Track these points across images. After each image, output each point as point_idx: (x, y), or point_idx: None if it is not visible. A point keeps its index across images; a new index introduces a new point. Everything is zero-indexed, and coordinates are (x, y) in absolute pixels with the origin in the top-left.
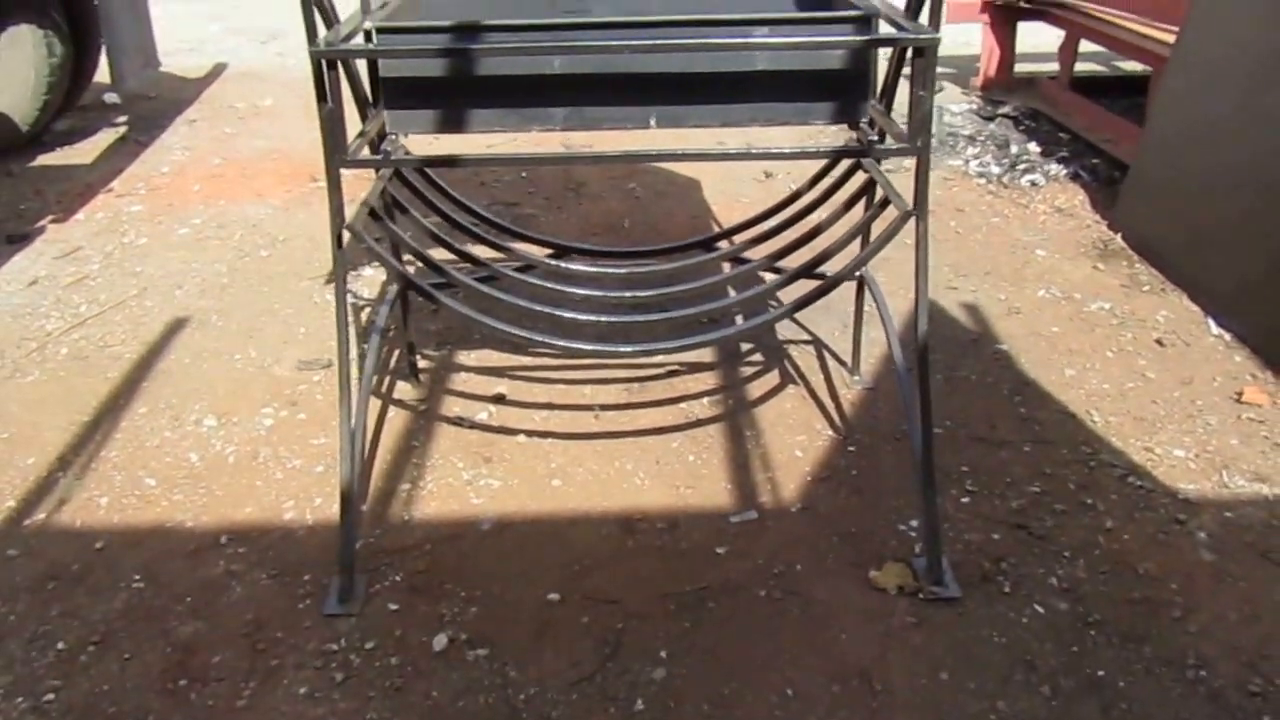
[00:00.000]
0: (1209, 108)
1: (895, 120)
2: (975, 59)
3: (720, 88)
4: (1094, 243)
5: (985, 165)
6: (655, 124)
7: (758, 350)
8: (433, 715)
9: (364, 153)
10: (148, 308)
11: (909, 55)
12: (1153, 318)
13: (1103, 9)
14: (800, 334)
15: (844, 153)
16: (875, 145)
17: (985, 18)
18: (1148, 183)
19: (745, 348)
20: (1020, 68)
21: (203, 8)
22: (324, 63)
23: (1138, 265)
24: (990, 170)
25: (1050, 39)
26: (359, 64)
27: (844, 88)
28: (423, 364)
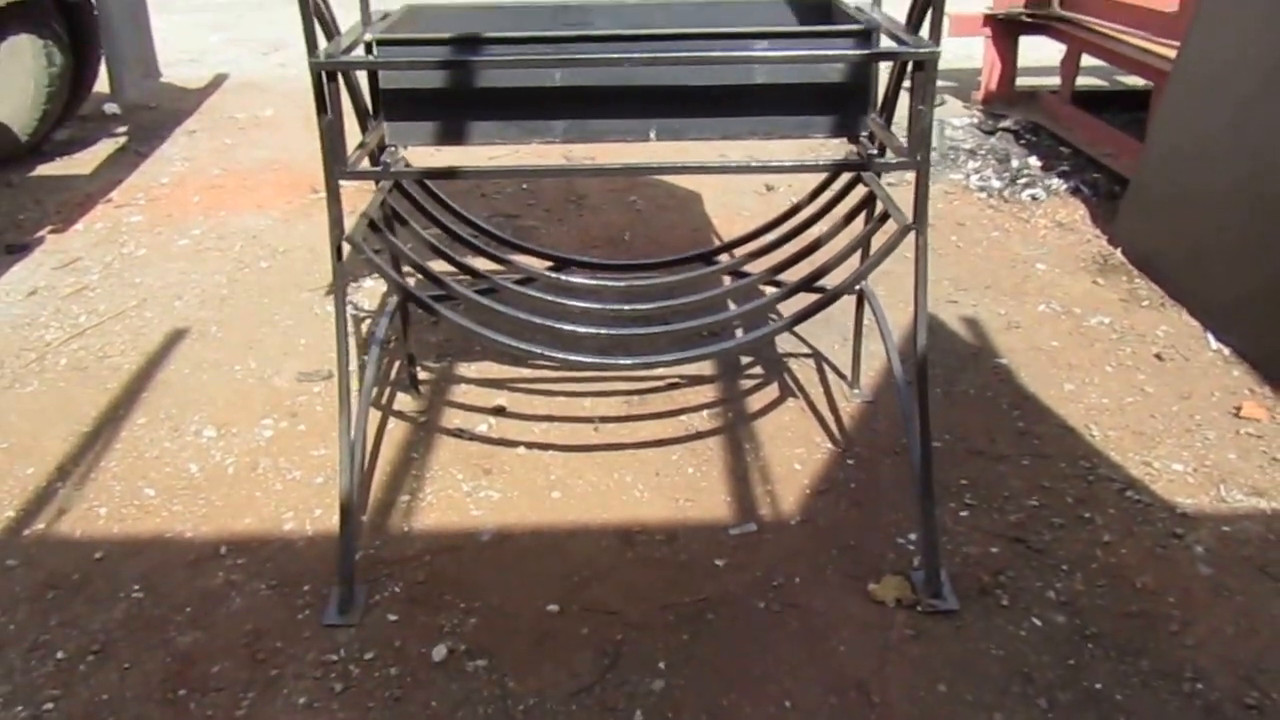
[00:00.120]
0: (1209, 123)
1: (895, 134)
2: (977, 72)
3: (721, 101)
4: (1094, 257)
5: (986, 179)
6: (655, 137)
7: (758, 363)
8: None
9: (364, 164)
10: (147, 318)
11: (909, 69)
12: (1152, 332)
13: (1104, 24)
14: (800, 347)
15: (844, 166)
16: (875, 159)
17: (987, 31)
18: (1148, 197)
19: (745, 361)
20: (1022, 81)
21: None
22: (324, 74)
23: (1137, 280)
24: (991, 184)
25: (1052, 53)
26: (359, 75)
27: (844, 101)
28: (423, 376)
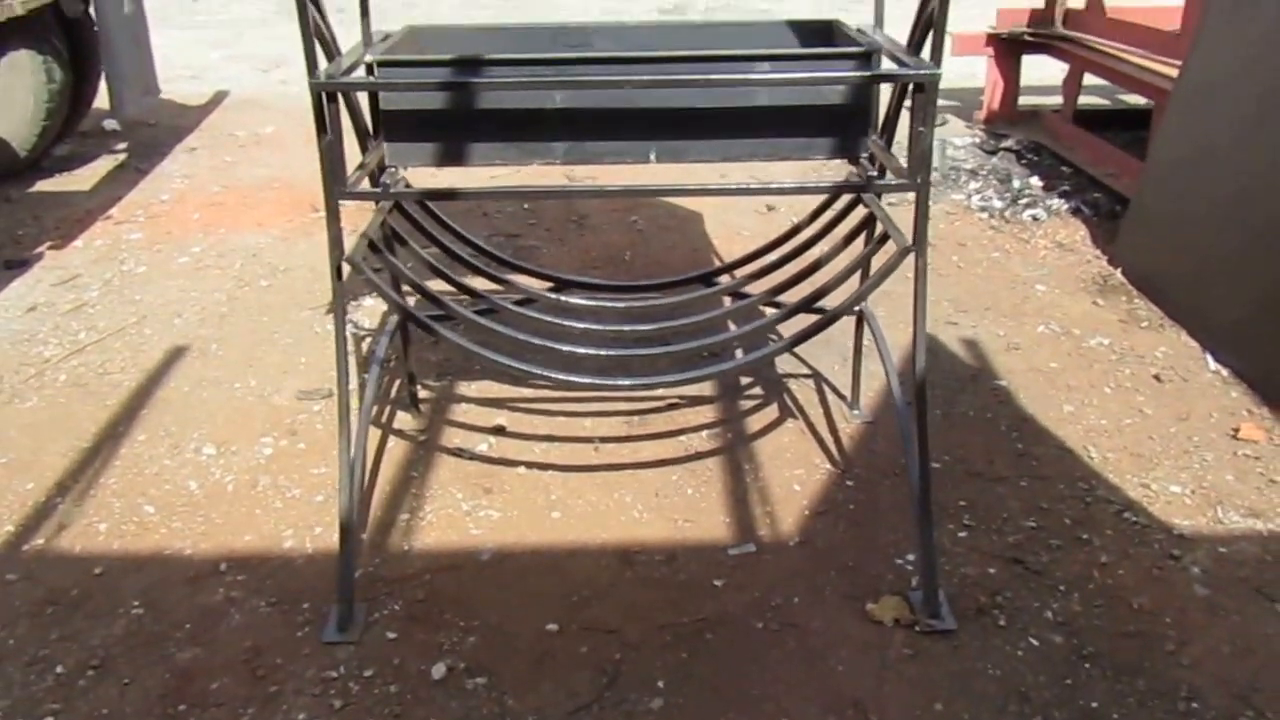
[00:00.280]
0: (1209, 143)
1: (896, 155)
2: (979, 92)
3: (721, 123)
4: (1094, 278)
5: (987, 199)
6: (655, 159)
7: (757, 384)
8: None
9: (364, 185)
10: (147, 335)
11: (910, 90)
12: (1151, 353)
13: (1106, 43)
14: (800, 368)
15: (844, 188)
16: (875, 180)
17: (990, 51)
18: (1148, 218)
19: (745, 381)
20: (1024, 101)
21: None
22: (324, 95)
23: (1137, 300)
24: (992, 204)
25: (1055, 72)
26: (360, 96)
27: (845, 123)
28: (423, 394)
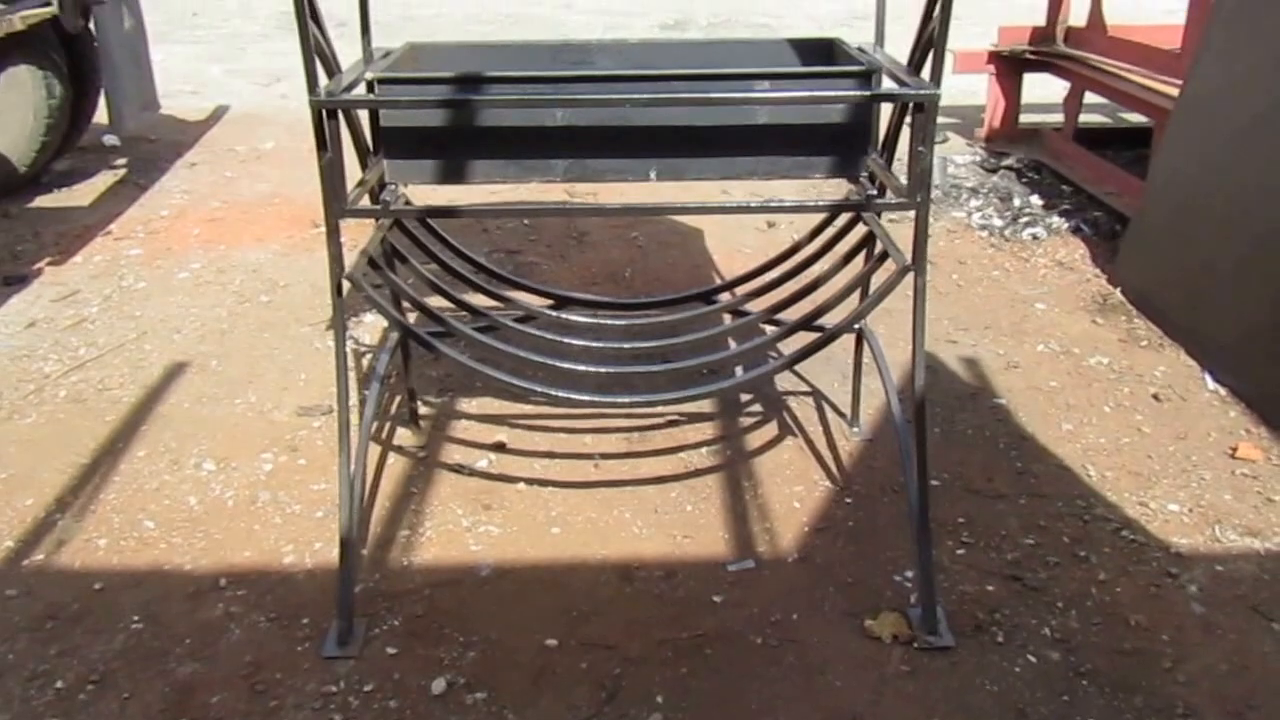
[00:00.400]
0: (1210, 162)
1: (896, 174)
2: (981, 109)
3: (721, 141)
4: (1094, 297)
5: (988, 218)
6: (655, 177)
7: (757, 401)
8: None
9: (364, 202)
10: (146, 351)
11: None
12: (1150, 372)
13: (1108, 62)
14: (799, 385)
15: (843, 207)
16: (875, 199)
17: (991, 69)
18: (1148, 237)
19: (745, 398)
20: (1025, 118)
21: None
22: (324, 112)
23: (1136, 320)
24: (993, 223)
25: (1056, 89)
26: (360, 113)
27: (845, 142)
28: (423, 411)
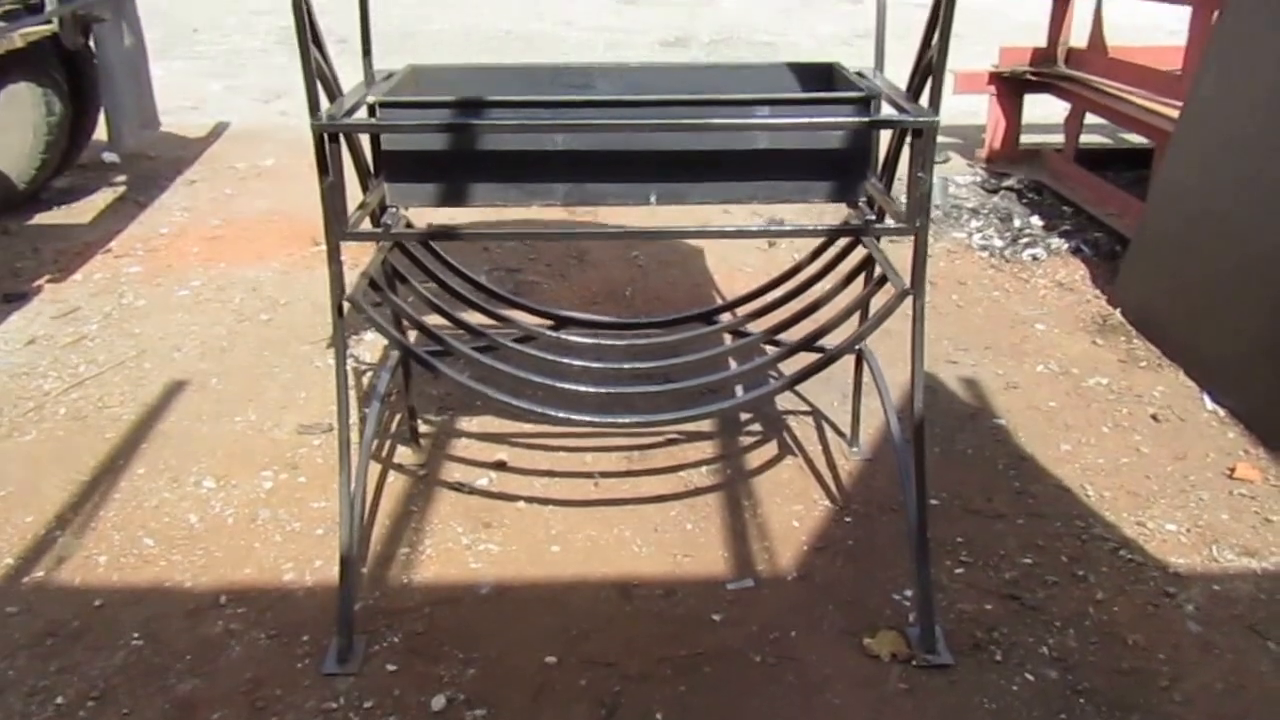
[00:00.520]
0: (1209, 184)
1: (895, 199)
2: (981, 129)
3: (721, 166)
4: (1093, 317)
5: (988, 238)
6: (655, 201)
7: (757, 420)
8: None
9: (365, 224)
10: (146, 369)
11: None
12: (1149, 393)
13: (1108, 83)
14: (800, 404)
15: (841, 231)
16: (873, 224)
17: (992, 89)
18: (1147, 258)
19: (745, 417)
20: (1026, 139)
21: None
22: (326, 136)
23: (1136, 340)
24: (993, 243)
25: (1057, 109)
26: (362, 136)
27: (844, 167)
28: (424, 429)
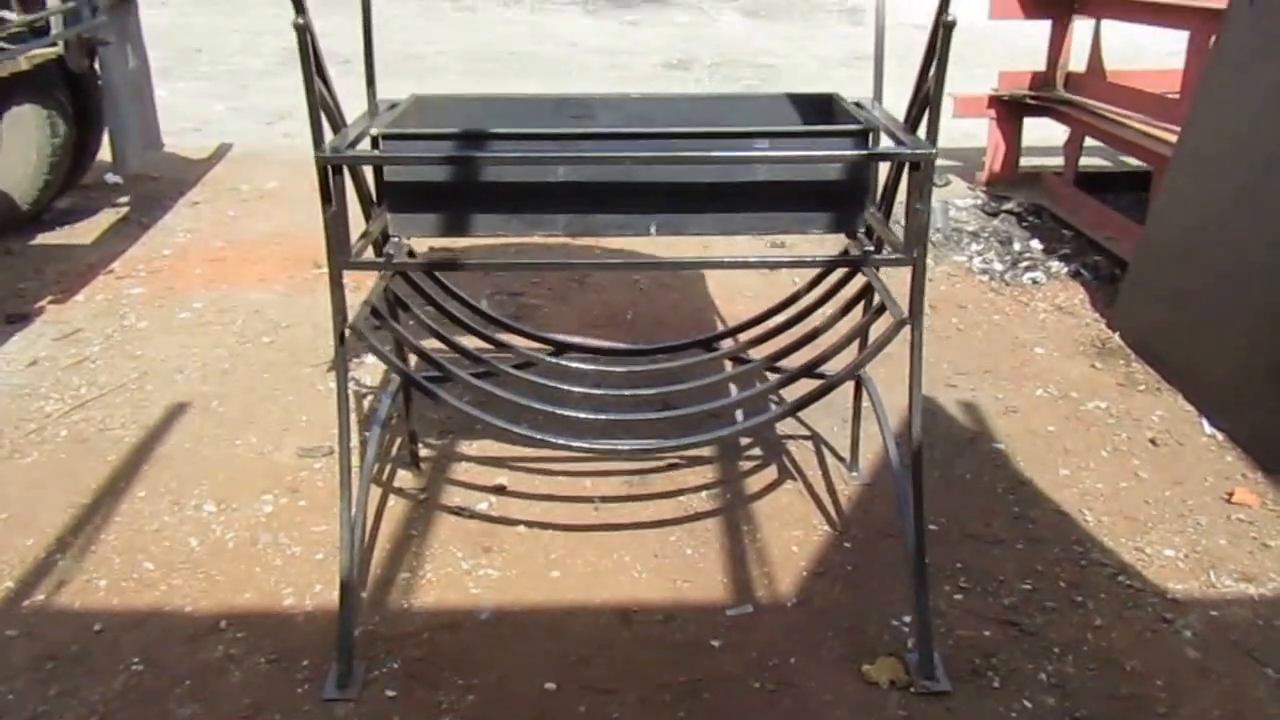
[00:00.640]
0: (1207, 208)
1: (893, 230)
2: (982, 152)
3: (721, 197)
4: (1092, 341)
5: (988, 262)
6: (655, 232)
7: (757, 445)
8: None
9: (368, 253)
10: (148, 391)
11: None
12: (1148, 417)
13: (1107, 107)
14: (799, 429)
15: (840, 262)
16: (872, 254)
17: (992, 113)
18: (1146, 281)
19: (745, 442)
20: (1026, 161)
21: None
22: (330, 168)
23: (1134, 364)
24: (993, 267)
25: (1057, 131)
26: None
27: (842, 198)
28: (424, 453)
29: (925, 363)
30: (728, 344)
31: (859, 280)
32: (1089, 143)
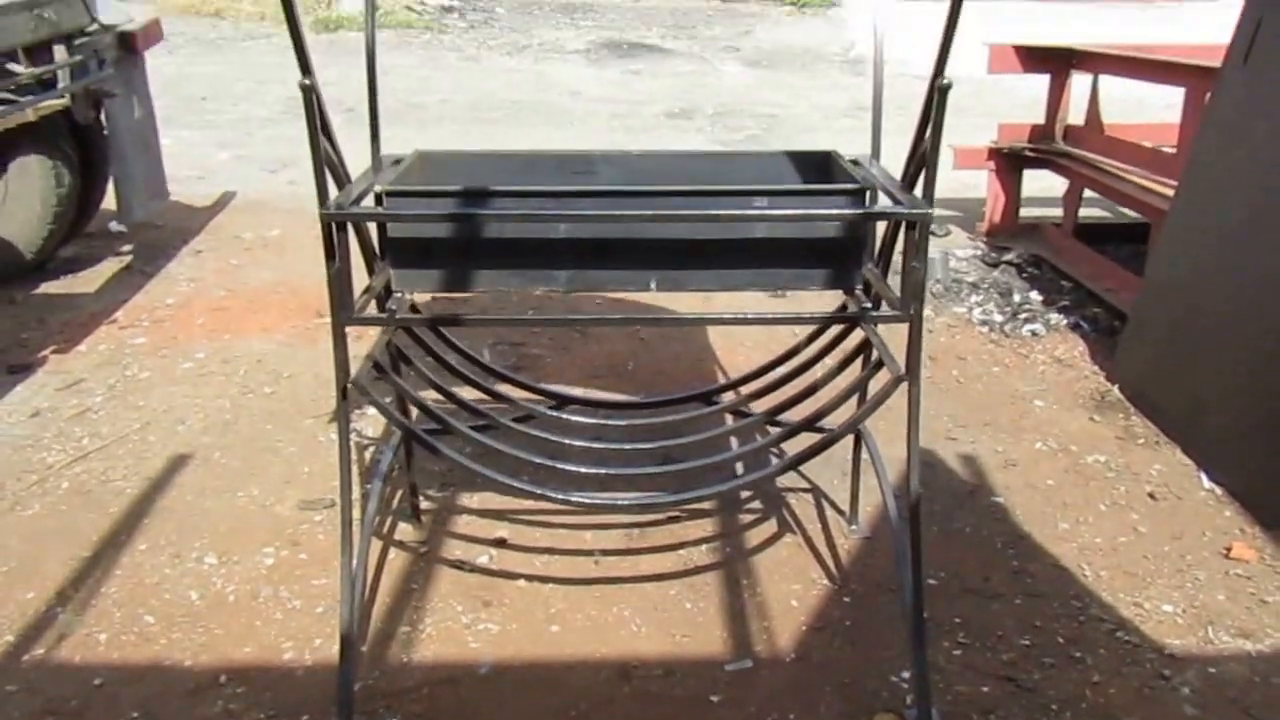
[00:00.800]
0: (1203, 262)
1: (890, 286)
2: (982, 202)
3: (719, 254)
4: (1091, 394)
5: (988, 313)
6: (655, 287)
7: (757, 497)
8: None
9: (370, 308)
10: (150, 442)
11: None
12: (1147, 470)
13: (1105, 160)
14: (799, 482)
15: (837, 319)
16: (869, 311)
17: (991, 165)
18: (1145, 335)
19: (744, 495)
20: (1026, 212)
21: (213, 134)
22: (334, 224)
23: (1133, 417)
24: (993, 318)
25: (1058, 182)
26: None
27: (840, 255)
28: (425, 505)
29: (925, 414)
30: (728, 397)
31: (858, 334)
32: (1089, 193)
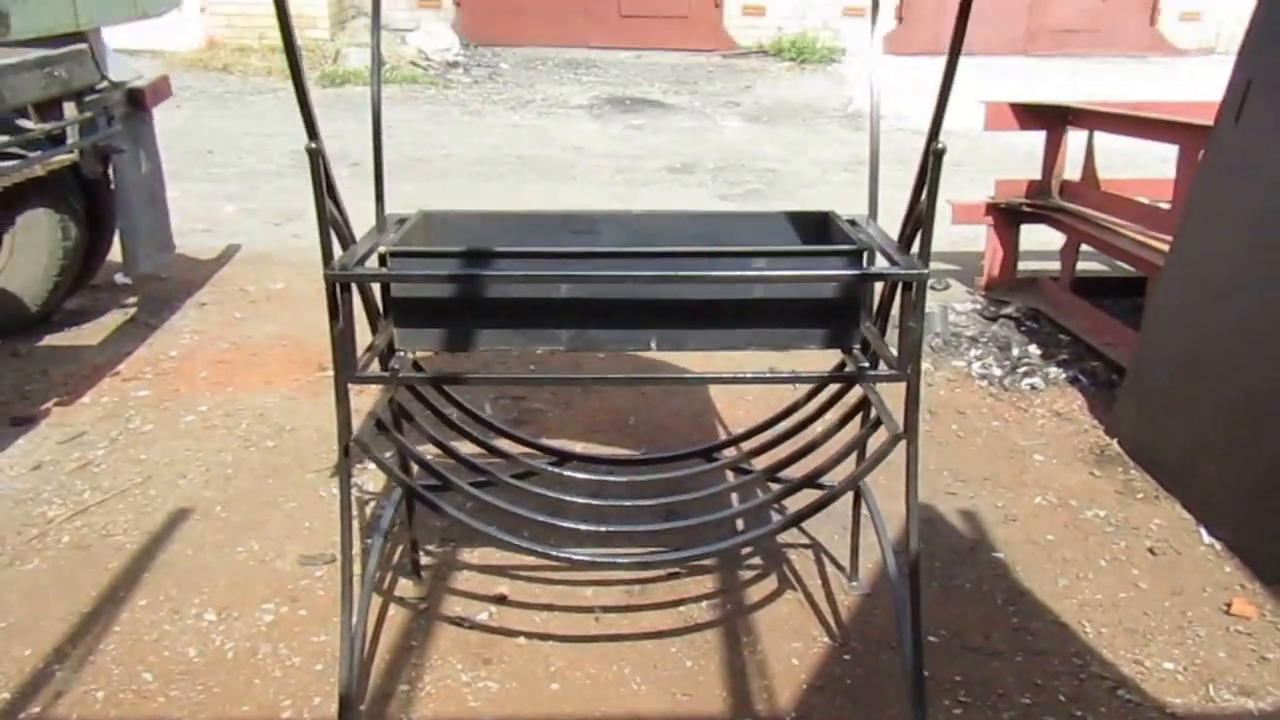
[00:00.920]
0: (1200, 317)
1: (887, 345)
2: (980, 256)
3: (719, 314)
4: (1091, 448)
5: (988, 367)
6: (656, 347)
7: (757, 554)
8: None
9: (374, 366)
10: (151, 496)
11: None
12: (1146, 525)
13: (1102, 215)
14: (799, 538)
15: (835, 378)
16: (866, 370)
17: (989, 220)
18: (1143, 389)
19: (745, 551)
20: (1024, 265)
21: (218, 188)
22: (338, 284)
23: (1133, 471)
24: (992, 372)
25: (1055, 236)
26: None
27: (838, 315)
28: (425, 560)
29: (925, 469)
30: (728, 453)
31: (857, 390)
32: (1086, 248)
